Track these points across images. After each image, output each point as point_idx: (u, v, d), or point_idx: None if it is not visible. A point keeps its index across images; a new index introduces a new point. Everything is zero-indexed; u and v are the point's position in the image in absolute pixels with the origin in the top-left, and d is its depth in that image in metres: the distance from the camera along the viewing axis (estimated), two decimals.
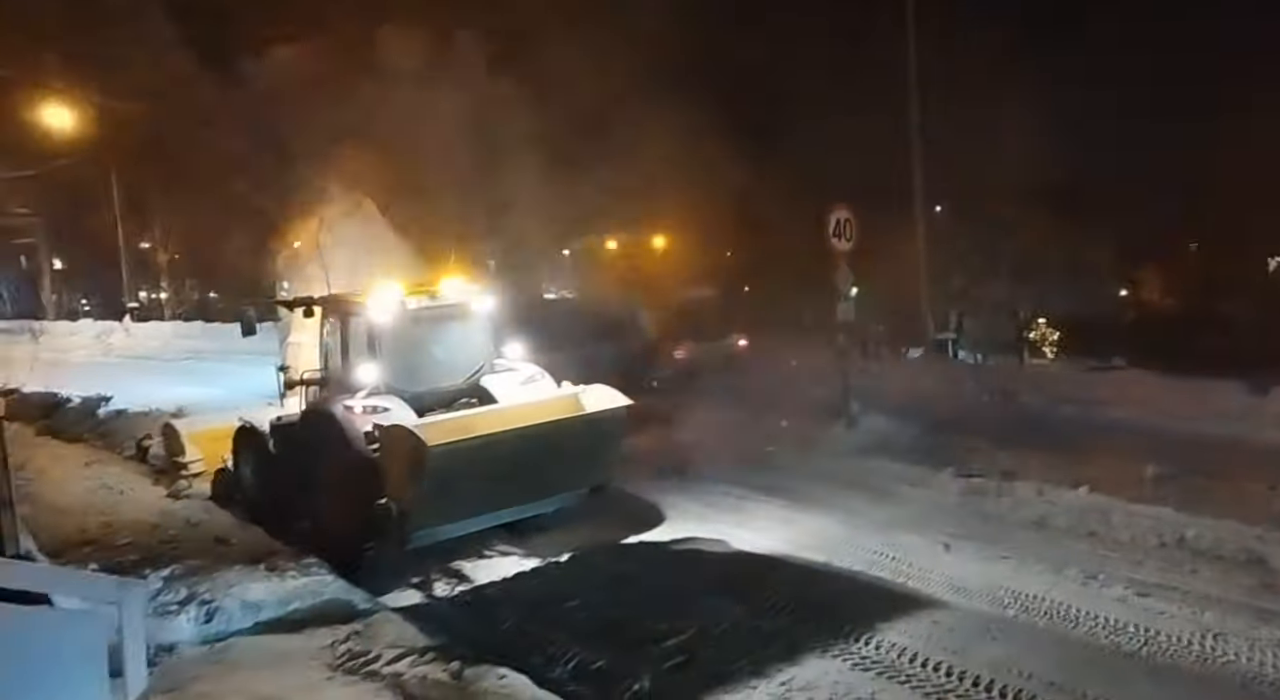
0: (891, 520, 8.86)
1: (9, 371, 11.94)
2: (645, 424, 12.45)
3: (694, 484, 10.39)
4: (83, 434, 13.99)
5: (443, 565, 8.33)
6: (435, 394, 8.57)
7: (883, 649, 6.18)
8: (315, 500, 8.38)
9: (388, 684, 5.68)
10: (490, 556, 8.58)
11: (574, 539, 8.80)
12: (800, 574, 7.68)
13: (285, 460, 8.88)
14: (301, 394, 9.10)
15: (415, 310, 8.58)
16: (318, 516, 8.38)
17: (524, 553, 8.60)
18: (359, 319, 8.51)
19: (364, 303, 8.48)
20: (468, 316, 8.99)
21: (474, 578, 8.14)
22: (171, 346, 27.61)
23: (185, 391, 16.82)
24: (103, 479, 10.66)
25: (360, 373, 8.35)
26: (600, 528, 9.03)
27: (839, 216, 11.77)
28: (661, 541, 8.79)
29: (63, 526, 8.69)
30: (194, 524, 8.57)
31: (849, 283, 11.91)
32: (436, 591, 7.93)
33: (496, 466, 7.62)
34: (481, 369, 8.94)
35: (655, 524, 9.25)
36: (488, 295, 9.13)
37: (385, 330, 8.40)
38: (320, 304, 9.08)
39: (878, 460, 10.53)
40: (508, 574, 8.14)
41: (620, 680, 5.98)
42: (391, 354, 8.41)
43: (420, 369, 8.63)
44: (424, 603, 7.60)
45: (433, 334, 8.80)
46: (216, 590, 6.81)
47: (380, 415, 7.87)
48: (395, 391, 8.23)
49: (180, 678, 5.79)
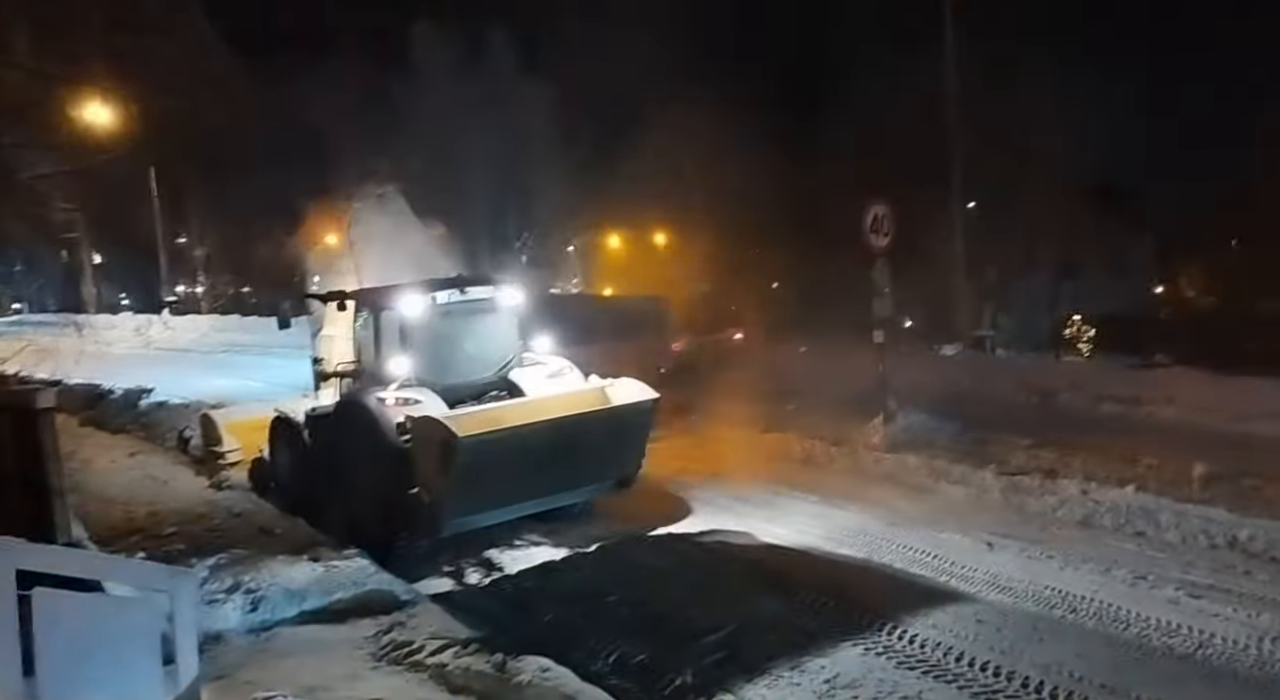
0: (931, 518, 8.77)
1: (55, 364, 12.13)
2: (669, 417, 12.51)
3: (724, 479, 10.37)
4: (125, 425, 14.21)
5: (474, 554, 8.44)
6: (465, 387, 8.70)
7: (927, 647, 6.11)
8: (348, 489, 8.52)
9: (431, 675, 5.71)
10: (520, 546, 8.68)
11: (604, 531, 8.86)
12: (839, 570, 7.62)
13: (319, 450, 9.05)
14: (335, 386, 9.28)
15: (445, 304, 8.71)
16: (350, 505, 8.50)
17: (554, 543, 8.68)
18: (390, 313, 8.66)
19: (395, 297, 8.62)
20: (496, 311, 9.11)
21: (508, 568, 8.21)
22: (209, 339, 28.00)
23: (223, 384, 17.04)
24: (147, 469, 10.83)
25: (392, 365, 8.49)
26: (631, 520, 9.09)
27: (876, 211, 11.63)
28: (695, 535, 8.78)
29: (110, 515, 8.83)
30: (237, 514, 8.67)
31: (886, 278, 11.78)
32: (470, 581, 8.02)
33: (524, 458, 7.74)
34: (510, 362, 9.07)
35: (686, 517, 9.26)
36: (516, 290, 9.25)
37: (416, 324, 8.54)
38: (353, 298, 9.24)
39: (916, 456, 10.41)
40: (542, 565, 8.18)
41: (662, 674, 5.97)
42: (422, 347, 8.56)
43: (450, 362, 8.76)
44: (464, 594, 7.63)
45: (462, 328, 8.93)
46: (261, 580, 6.88)
47: (411, 407, 8.00)
48: (426, 384, 8.37)
49: (228, 665, 5.86)
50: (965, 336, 18.64)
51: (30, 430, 6.34)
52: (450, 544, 8.30)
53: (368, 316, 9.01)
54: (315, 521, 8.59)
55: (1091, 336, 24.80)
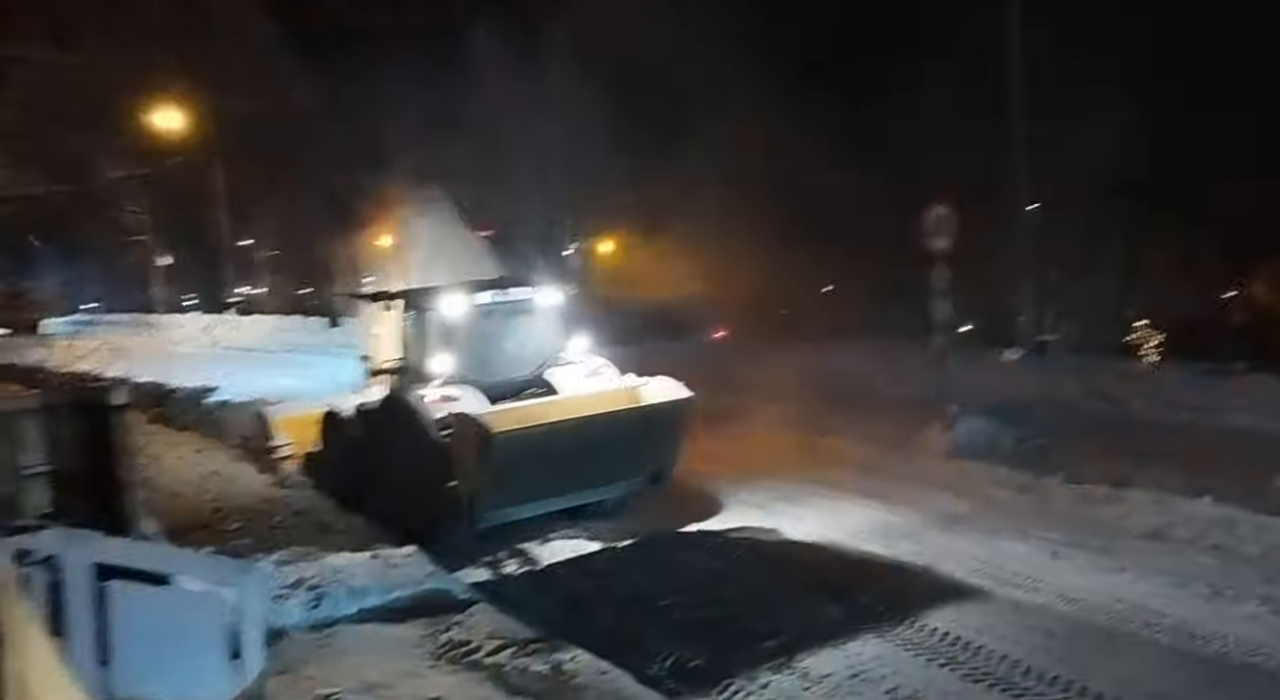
0: (994, 526, 8.56)
1: (126, 362, 12.51)
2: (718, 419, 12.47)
3: (778, 483, 10.28)
4: (191, 422, 14.58)
5: (512, 547, 8.68)
6: (505, 384, 8.96)
7: (992, 660, 5.95)
8: (393, 482, 8.82)
9: (489, 675, 5.73)
10: (554, 539, 8.89)
11: (650, 529, 8.94)
12: (897, 578, 7.48)
13: (367, 444, 9.38)
14: (382, 383, 9.60)
15: (486, 305, 9.04)
16: (394, 497, 8.80)
17: (588, 536, 8.89)
18: (434, 312, 8.97)
19: (438, 297, 8.94)
20: (535, 311, 9.39)
21: (544, 561, 8.38)
22: (272, 339, 28.46)
23: (285, 382, 17.32)
24: (212, 465, 11.09)
25: (435, 363, 8.80)
26: (683, 521, 9.16)
27: (937, 213, 11.43)
28: (750, 539, 8.72)
29: (178, 510, 9.05)
30: (298, 511, 8.82)
31: (946, 280, 11.56)
32: (511, 574, 8.23)
33: (559, 453, 7.98)
34: (548, 361, 9.32)
35: (740, 521, 9.20)
36: (555, 290, 9.50)
37: (458, 324, 8.87)
38: (398, 298, 9.57)
39: (977, 463, 10.19)
40: (597, 568, 8.19)
41: (719, 679, 5.92)
42: (464, 346, 8.88)
43: (490, 360, 9.06)
44: (520, 595, 7.65)
45: (503, 327, 9.24)
46: (323, 576, 6.98)
47: (452, 403, 8.29)
48: (467, 381, 8.67)
49: (291, 660, 5.94)
50: (1028, 341, 18.17)
51: (104, 426, 6.51)
52: (489, 536, 8.57)
53: (412, 316, 9.33)
54: (363, 513, 8.90)
55: (1160, 341, 24.05)
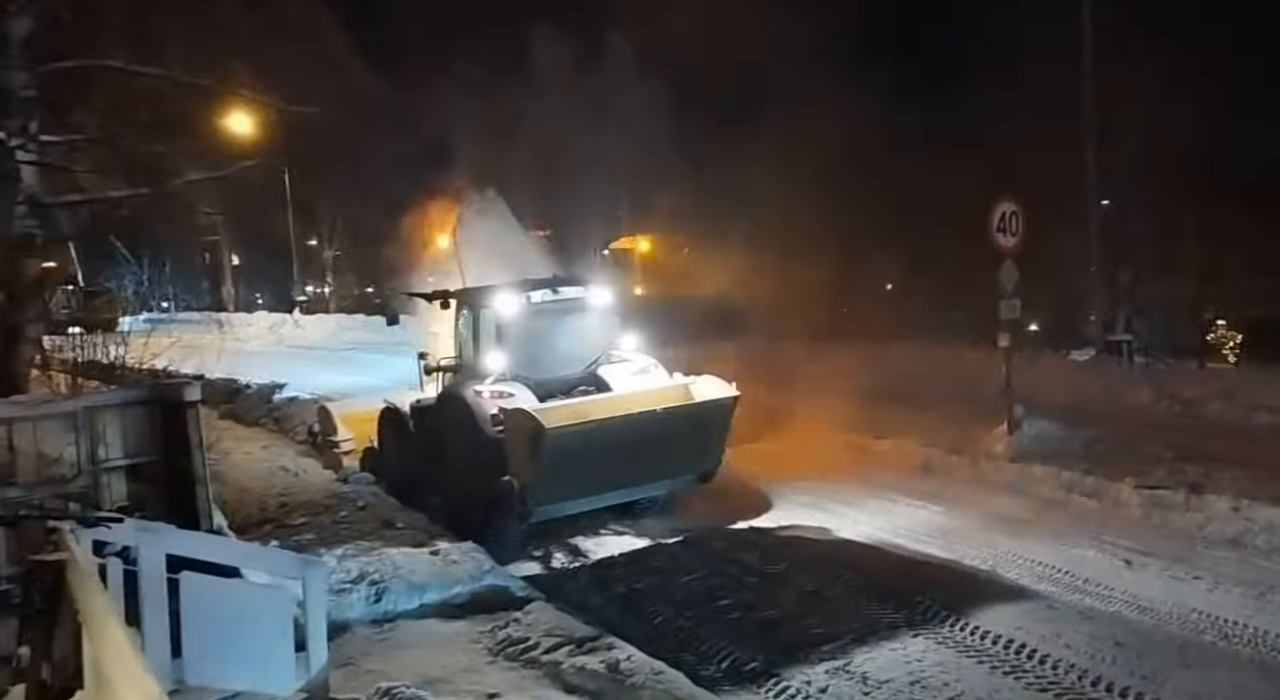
0: (1062, 531, 8.34)
1: (199, 359, 12.91)
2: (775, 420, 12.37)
3: (837, 485, 10.20)
4: (260, 418, 14.99)
5: (565, 542, 8.87)
6: (556, 382, 9.14)
7: (1060, 669, 5.79)
8: (447, 476, 9.05)
9: (546, 672, 5.77)
10: (605, 535, 9.04)
11: (702, 528, 8.99)
12: (960, 583, 7.32)
13: (422, 439, 9.66)
14: (438, 379, 9.85)
15: (538, 304, 9.19)
16: (449, 491, 9.06)
17: (635, 533, 9.03)
18: (487, 311, 9.19)
19: (492, 296, 9.15)
20: (587, 310, 9.55)
21: (608, 562, 8.42)
22: (336, 338, 29.22)
23: (348, 379, 17.78)
24: (279, 461, 11.38)
25: (488, 361, 9.02)
26: (739, 520, 9.19)
27: (1004, 209, 11.13)
28: (807, 541, 8.65)
29: (246, 505, 9.31)
30: (361, 506, 8.99)
31: (1014, 280, 11.27)
32: (568, 571, 8.33)
33: (608, 450, 8.10)
34: (599, 359, 9.49)
35: (798, 523, 9.12)
36: (606, 290, 9.66)
37: (511, 322, 9.05)
38: (454, 297, 9.78)
39: (1044, 467, 9.91)
40: (654, 566, 8.20)
41: (776, 682, 5.87)
42: (516, 344, 9.06)
43: (542, 358, 9.21)
44: (578, 593, 7.69)
45: (554, 326, 9.38)
46: (385, 571, 7.11)
47: (505, 400, 8.49)
48: (520, 379, 8.87)
49: (353, 654, 6.08)
50: (1098, 341, 17.64)
51: (178, 421, 6.72)
52: (541, 531, 8.79)
53: (467, 315, 9.59)
54: (419, 506, 9.18)
55: (1238, 342, 23.15)
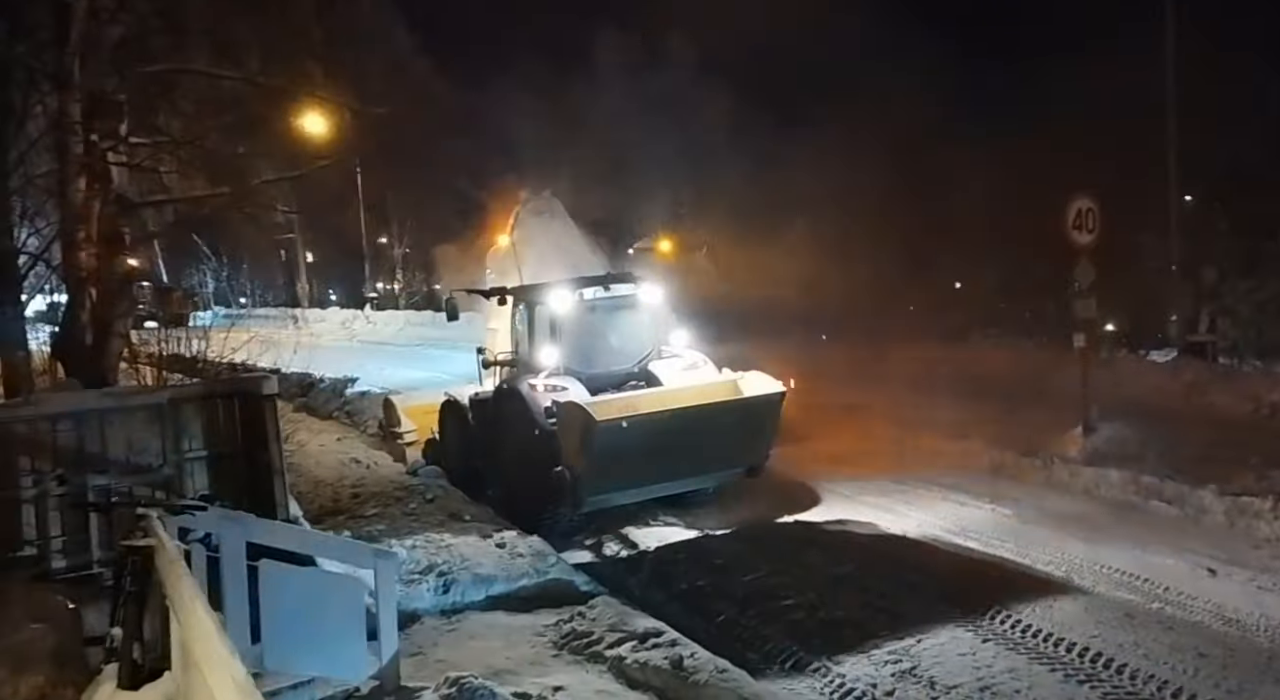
0: (1139, 538, 8.07)
1: (275, 353, 13.33)
2: (842, 418, 12.24)
3: (903, 485, 10.06)
4: (333, 412, 15.38)
5: (619, 534, 9.09)
6: (608, 376, 9.42)
7: (1138, 680, 5.61)
8: (503, 466, 9.45)
9: (610, 667, 5.82)
10: (656, 526, 9.26)
11: (761, 519, 9.09)
12: (1032, 588, 7.13)
13: (480, 431, 10.02)
14: (495, 373, 10.23)
15: (591, 301, 9.50)
16: (505, 481, 9.41)
17: (696, 527, 9.17)
18: (542, 307, 9.48)
19: (546, 293, 9.44)
20: (638, 306, 9.83)
21: (671, 558, 8.47)
22: (405, 333, 29.81)
23: (417, 374, 18.13)
24: (351, 453, 11.67)
25: (543, 355, 9.33)
26: (798, 517, 9.24)
27: (1080, 206, 10.82)
28: (872, 542, 8.55)
29: (320, 495, 9.58)
30: (430, 499, 9.17)
31: (1090, 278, 10.95)
32: (630, 565, 8.41)
33: (657, 442, 8.30)
34: (649, 354, 9.78)
35: (863, 524, 9.02)
36: (656, 288, 9.89)
37: (564, 318, 9.34)
38: (510, 294, 10.14)
39: (1120, 471, 9.62)
40: (717, 564, 8.19)
41: (842, 684, 5.82)
42: (569, 339, 9.35)
43: (595, 353, 9.51)
44: (641, 588, 7.73)
45: (606, 322, 9.70)
46: (453, 563, 7.26)
47: (558, 393, 8.78)
48: (573, 373, 9.16)
49: (422, 643, 6.21)
50: (1179, 342, 17.01)
51: (256, 414, 6.97)
52: (594, 523, 9.06)
53: (523, 311, 9.87)
54: (477, 495, 9.51)
55: None
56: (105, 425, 6.49)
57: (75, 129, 8.65)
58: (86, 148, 8.83)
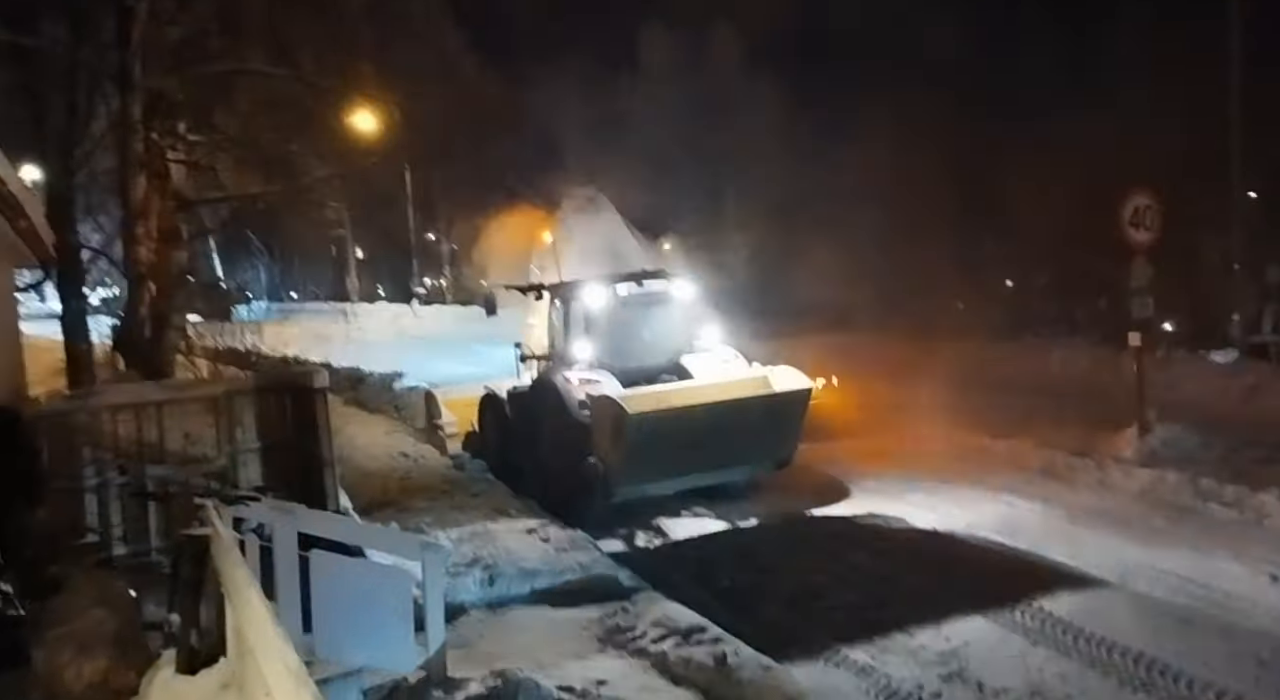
0: (1199, 543, 7.85)
1: (326, 347, 13.55)
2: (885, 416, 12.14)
3: (950, 485, 9.90)
4: (381, 405, 15.59)
5: (654, 527, 9.17)
6: (641, 370, 9.61)
7: (1195, 687, 5.46)
8: (539, 457, 9.64)
9: (654, 662, 5.82)
10: (705, 522, 9.33)
11: (810, 520, 9.09)
12: (1085, 592, 6.98)
13: (518, 423, 10.27)
14: (533, 367, 10.52)
15: (624, 296, 9.77)
16: (540, 471, 9.59)
17: (715, 515, 9.34)
18: (577, 303, 9.70)
19: (581, 289, 9.66)
20: (670, 302, 10.02)
21: (714, 554, 8.47)
22: (452, 329, 30.05)
23: (459, 368, 18.29)
24: (400, 447, 11.82)
25: (577, 349, 9.59)
26: (847, 514, 9.20)
27: (1137, 203, 10.57)
28: (917, 542, 8.46)
29: (369, 488, 9.72)
30: (475, 493, 9.28)
31: (1147, 276, 10.69)
32: (672, 561, 8.41)
33: (688, 435, 8.47)
34: (681, 349, 9.95)
35: (908, 524, 8.92)
36: (689, 284, 10.08)
37: (598, 313, 9.61)
38: (547, 290, 10.38)
39: (1177, 473, 9.37)
40: (760, 563, 8.14)
41: (888, 685, 5.76)
42: (603, 334, 9.60)
43: (628, 347, 9.73)
44: (684, 584, 7.70)
45: (640, 317, 9.93)
46: (498, 557, 7.33)
47: (592, 386, 8.99)
48: (606, 366, 9.37)
49: (468, 636, 6.27)
50: (1241, 342, 16.50)
51: (307, 407, 7.11)
52: (635, 515, 9.17)
53: (559, 306, 10.09)
54: (516, 487, 9.69)
55: None
56: (164, 416, 6.66)
57: (136, 128, 8.90)
58: (146, 146, 9.09)
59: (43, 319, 12.41)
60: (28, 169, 10.56)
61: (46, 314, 13.84)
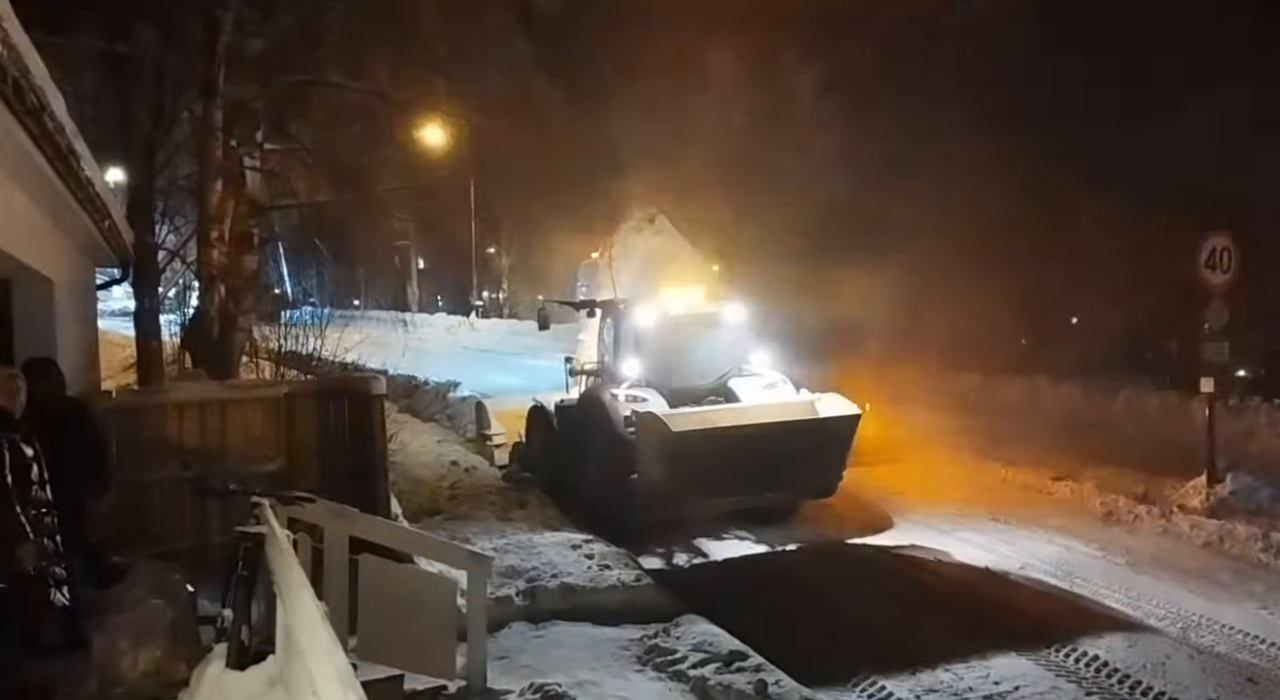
0: (1265, 598, 7.53)
1: (384, 355, 13.78)
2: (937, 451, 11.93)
3: (1004, 525, 9.67)
4: (435, 414, 15.80)
5: (711, 555, 9.14)
6: (688, 390, 9.62)
7: None
8: (584, 471, 9.67)
9: (693, 687, 5.77)
10: (727, 539, 9.38)
11: (862, 553, 8.86)
12: (1143, 644, 6.72)
13: (564, 436, 10.36)
14: (581, 382, 10.62)
15: (675, 317, 9.79)
16: (585, 485, 9.65)
17: (756, 538, 9.32)
18: (627, 321, 9.80)
19: (632, 307, 9.77)
20: (720, 325, 10.02)
21: (757, 579, 8.44)
22: (507, 342, 30.40)
23: (511, 380, 18.47)
24: (451, 456, 11.97)
25: (626, 367, 9.66)
26: (901, 552, 8.92)
27: (1215, 245, 10.24)
28: (970, 582, 8.22)
29: (418, 495, 9.86)
30: (524, 505, 9.33)
31: (1223, 321, 10.33)
32: (716, 585, 8.30)
33: (732, 457, 8.43)
34: (729, 372, 9.94)
35: (959, 562, 8.69)
36: (740, 307, 10.11)
37: (648, 332, 9.67)
38: (599, 306, 10.52)
39: (1247, 526, 9.00)
40: (808, 590, 8.04)
41: None
42: (652, 353, 9.65)
43: (676, 368, 9.74)
44: (727, 608, 7.61)
45: (689, 338, 9.89)
46: (543, 571, 7.35)
47: (638, 404, 9.01)
48: (654, 385, 9.41)
49: (509, 648, 6.29)
50: None
51: (364, 413, 7.23)
52: (687, 536, 9.23)
53: (610, 324, 10.22)
54: (559, 498, 9.78)
55: None
56: (227, 415, 6.83)
57: (216, 134, 9.21)
58: (225, 152, 9.40)
59: (111, 316, 12.87)
60: (112, 171, 10.98)
61: (115, 311, 14.32)
